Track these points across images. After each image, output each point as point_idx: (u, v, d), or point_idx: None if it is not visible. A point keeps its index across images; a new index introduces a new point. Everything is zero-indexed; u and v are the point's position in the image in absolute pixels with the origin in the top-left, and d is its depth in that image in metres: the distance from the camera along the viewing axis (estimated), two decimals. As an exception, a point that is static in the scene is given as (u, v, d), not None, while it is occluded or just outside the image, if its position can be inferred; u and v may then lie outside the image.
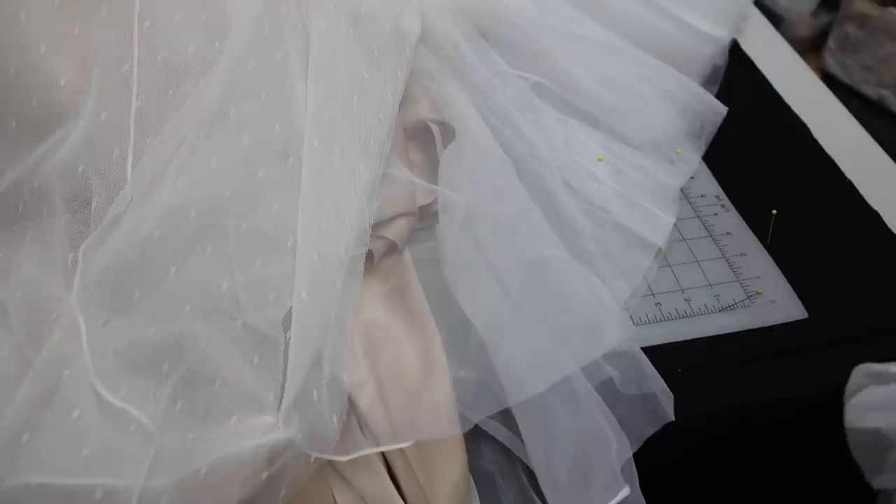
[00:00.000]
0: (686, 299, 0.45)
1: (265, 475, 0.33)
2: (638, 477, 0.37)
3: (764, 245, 0.48)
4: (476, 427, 0.37)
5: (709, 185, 0.52)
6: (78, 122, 0.38)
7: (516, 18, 0.54)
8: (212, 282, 0.36)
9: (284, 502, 0.34)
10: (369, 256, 0.41)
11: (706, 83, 0.58)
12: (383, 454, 0.36)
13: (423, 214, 0.45)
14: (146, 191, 0.37)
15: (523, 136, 0.48)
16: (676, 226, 0.48)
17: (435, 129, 0.47)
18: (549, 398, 0.36)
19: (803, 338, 0.43)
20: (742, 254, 0.47)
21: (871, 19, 1.01)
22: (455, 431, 0.36)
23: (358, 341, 0.38)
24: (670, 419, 0.38)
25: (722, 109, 0.55)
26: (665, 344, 0.42)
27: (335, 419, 0.35)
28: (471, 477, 0.37)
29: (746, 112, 0.56)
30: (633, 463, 0.37)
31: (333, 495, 0.35)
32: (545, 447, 0.36)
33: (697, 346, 0.42)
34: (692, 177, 0.52)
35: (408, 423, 0.36)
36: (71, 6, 0.40)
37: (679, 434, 0.38)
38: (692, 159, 0.52)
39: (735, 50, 0.62)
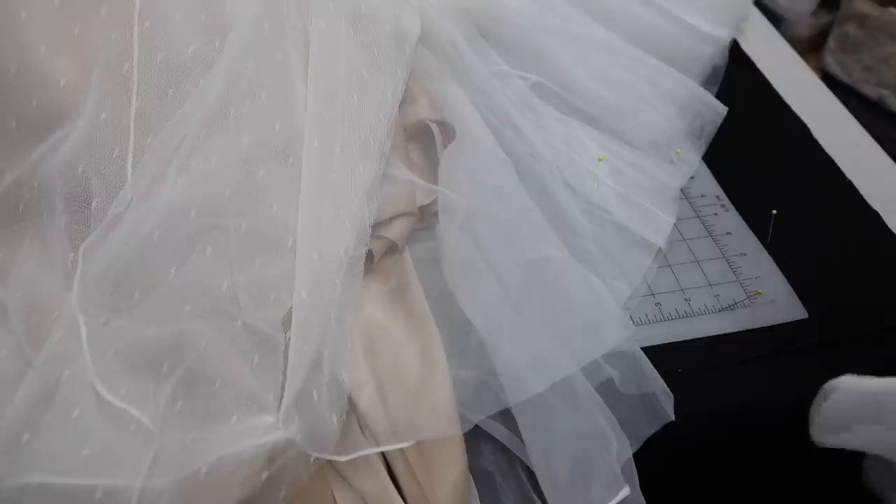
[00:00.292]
0: (686, 299, 0.45)
1: (265, 475, 0.33)
2: (638, 477, 0.37)
3: (764, 245, 0.48)
4: (476, 427, 0.37)
5: (709, 185, 0.52)
6: (78, 122, 0.38)
7: (516, 18, 0.54)
8: (212, 282, 0.36)
9: (284, 502, 0.34)
10: (369, 256, 0.41)
11: (706, 83, 0.58)
12: (383, 454, 0.36)
13: (423, 214, 0.45)
14: (146, 191, 0.37)
15: (523, 136, 0.48)
16: (676, 226, 0.48)
17: (435, 129, 0.47)
18: (549, 398, 0.36)
19: (803, 338, 0.43)
20: (742, 254, 0.47)
21: (871, 19, 1.01)
22: (455, 431, 0.36)
23: (358, 341, 0.38)
24: (670, 419, 0.38)
25: (722, 109, 0.55)
26: (665, 344, 0.42)
27: (335, 419, 0.35)
28: (471, 477, 0.37)
29: (746, 112, 0.56)
30: (633, 463, 0.37)
31: (333, 495, 0.35)
32: (545, 447, 0.36)
33: (697, 346, 0.42)
34: (692, 177, 0.52)
35: (408, 423, 0.36)
36: (71, 6, 0.40)
37: (679, 434, 0.38)
38: (692, 159, 0.52)
39: (735, 50, 0.62)
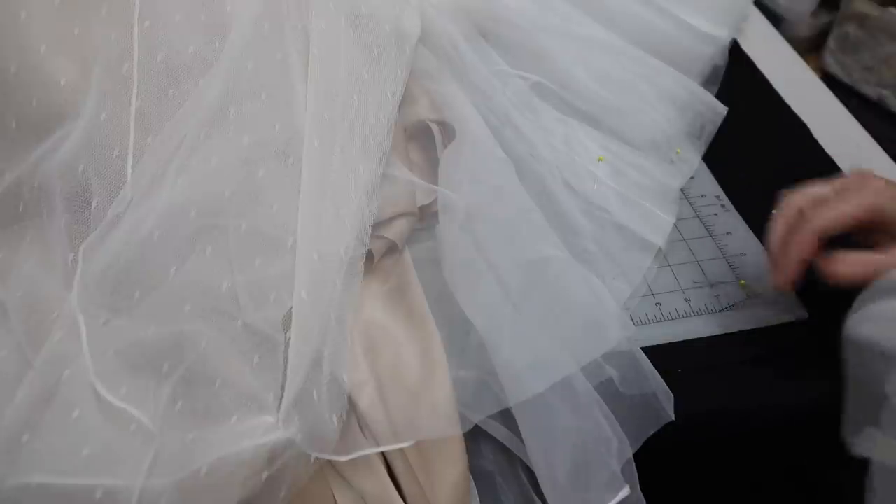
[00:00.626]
0: (686, 299, 0.45)
1: (265, 475, 0.33)
2: (638, 477, 0.37)
3: (764, 245, 0.48)
4: (476, 427, 0.37)
5: (709, 185, 0.52)
6: (78, 122, 0.38)
7: (516, 18, 0.54)
8: (212, 282, 0.36)
9: (284, 502, 0.34)
10: (369, 256, 0.41)
11: (706, 83, 0.58)
12: (383, 454, 0.36)
13: (423, 214, 0.45)
14: (146, 191, 0.37)
15: (523, 136, 0.48)
16: (676, 226, 0.48)
17: (435, 129, 0.47)
18: (549, 398, 0.36)
19: (803, 338, 0.43)
20: (742, 254, 0.47)
21: (871, 19, 1.01)
22: (455, 431, 0.36)
23: (358, 341, 0.38)
24: (670, 419, 0.38)
25: (722, 109, 0.55)
26: (665, 344, 0.42)
27: (335, 419, 0.35)
28: (471, 477, 0.37)
29: (746, 112, 0.56)
30: (633, 463, 0.37)
31: (333, 495, 0.35)
32: (545, 447, 0.36)
33: (697, 346, 0.42)
34: (692, 177, 0.52)
35: (408, 423, 0.36)
36: (71, 6, 0.40)
37: (679, 434, 0.38)
38: (692, 159, 0.52)
39: (735, 50, 0.62)
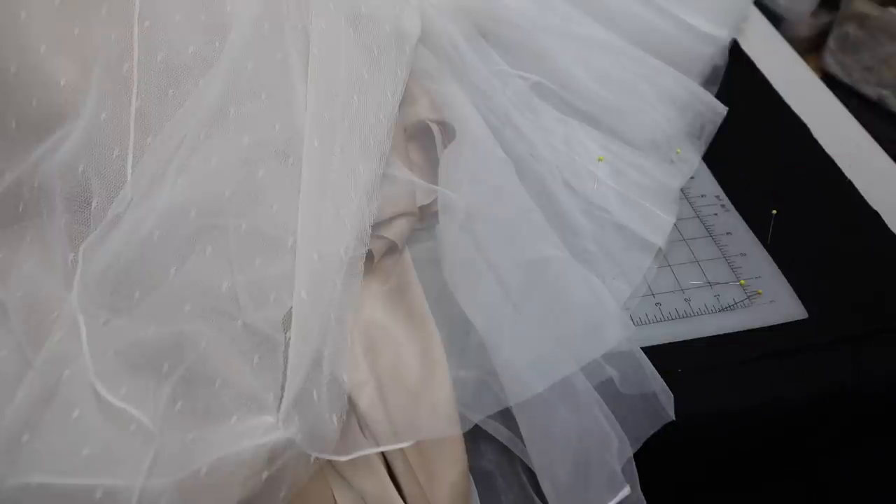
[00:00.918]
0: (686, 299, 0.45)
1: (265, 475, 0.33)
2: (638, 477, 0.37)
3: (764, 245, 0.48)
4: (476, 427, 0.37)
5: (709, 185, 0.52)
6: (78, 122, 0.38)
7: (516, 18, 0.54)
8: (212, 282, 0.36)
9: (284, 502, 0.34)
10: (369, 256, 0.41)
11: (706, 83, 0.58)
12: (383, 454, 0.36)
13: (423, 214, 0.45)
14: (146, 191, 0.37)
15: (523, 136, 0.48)
16: (676, 226, 0.48)
17: (435, 129, 0.47)
18: (550, 398, 0.36)
19: (803, 338, 0.43)
20: (742, 254, 0.47)
21: (871, 19, 1.01)
22: (455, 431, 0.36)
23: (358, 341, 0.38)
24: (671, 419, 0.38)
25: (722, 109, 0.55)
26: (665, 344, 0.42)
27: (335, 419, 0.35)
28: (471, 477, 0.37)
29: (746, 112, 0.56)
30: (634, 463, 0.37)
31: (333, 495, 0.35)
32: (545, 447, 0.36)
33: (697, 346, 0.42)
34: (692, 177, 0.52)
35: (408, 423, 0.36)
36: (71, 6, 0.40)
37: (679, 434, 0.38)
38: (692, 159, 0.52)
39: (735, 50, 0.62)
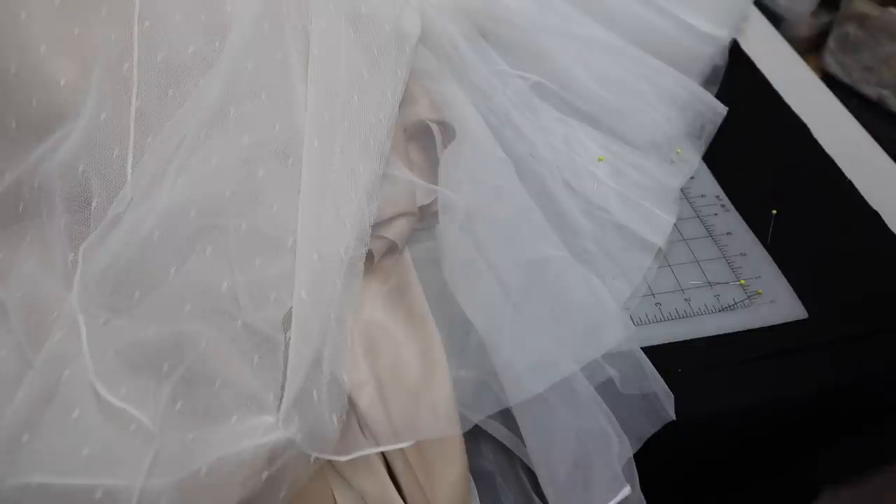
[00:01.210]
0: (686, 299, 0.45)
1: (265, 475, 0.33)
2: (638, 477, 0.37)
3: (764, 245, 0.48)
4: (476, 427, 0.37)
5: (709, 185, 0.52)
6: (78, 122, 0.38)
7: (516, 18, 0.54)
8: (212, 282, 0.36)
9: (284, 502, 0.34)
10: (369, 256, 0.41)
11: (706, 83, 0.58)
12: (383, 454, 0.36)
13: (423, 214, 0.45)
14: (146, 191, 0.37)
15: (523, 136, 0.48)
16: (676, 226, 0.48)
17: (435, 129, 0.47)
18: (550, 398, 0.36)
19: (803, 338, 0.43)
20: (742, 254, 0.47)
21: (871, 19, 1.01)
22: (455, 431, 0.36)
23: (358, 341, 0.38)
24: (671, 419, 0.38)
25: (722, 109, 0.55)
26: (665, 344, 0.42)
27: (335, 419, 0.35)
28: (471, 477, 0.37)
29: (746, 112, 0.56)
30: (634, 463, 0.37)
31: (333, 495, 0.35)
32: (545, 447, 0.36)
33: (697, 346, 0.42)
34: (692, 177, 0.52)
35: (408, 423, 0.36)
36: (71, 6, 0.40)
37: (679, 434, 0.38)
38: (692, 159, 0.52)
39: (735, 50, 0.62)
